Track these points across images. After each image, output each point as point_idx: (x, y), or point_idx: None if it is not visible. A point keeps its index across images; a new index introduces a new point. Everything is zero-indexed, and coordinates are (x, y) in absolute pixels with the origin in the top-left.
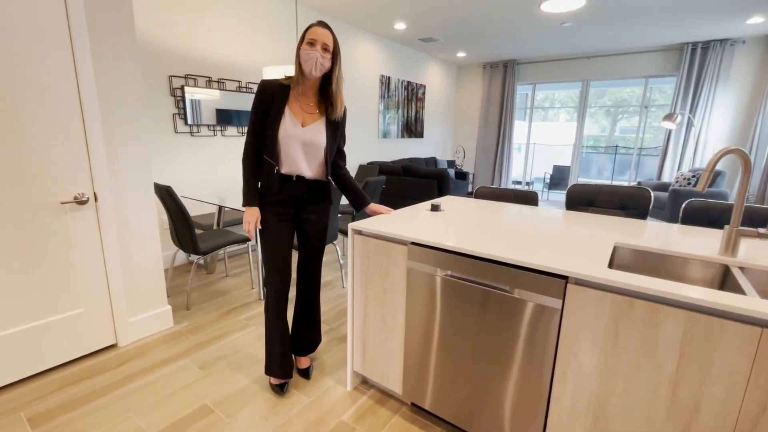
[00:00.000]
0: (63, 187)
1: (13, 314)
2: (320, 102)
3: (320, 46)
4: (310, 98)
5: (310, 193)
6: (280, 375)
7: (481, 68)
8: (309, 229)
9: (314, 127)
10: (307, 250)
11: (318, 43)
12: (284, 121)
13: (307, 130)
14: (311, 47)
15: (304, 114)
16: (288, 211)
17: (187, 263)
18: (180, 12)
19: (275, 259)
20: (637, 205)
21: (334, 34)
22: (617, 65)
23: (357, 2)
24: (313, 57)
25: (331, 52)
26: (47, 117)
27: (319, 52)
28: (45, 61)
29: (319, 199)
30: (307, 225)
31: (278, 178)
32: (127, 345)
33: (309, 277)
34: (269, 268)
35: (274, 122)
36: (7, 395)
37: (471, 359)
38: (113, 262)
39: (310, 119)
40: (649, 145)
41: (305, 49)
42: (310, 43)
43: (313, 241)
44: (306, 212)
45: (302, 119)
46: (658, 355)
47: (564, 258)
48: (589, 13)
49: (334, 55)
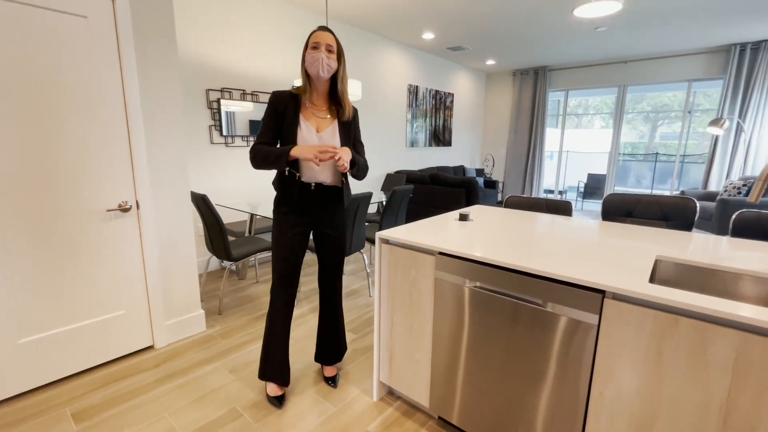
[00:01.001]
0: (108, 195)
1: (61, 314)
2: (331, 106)
3: (324, 47)
4: (321, 103)
5: (328, 201)
6: (279, 381)
7: (511, 75)
8: (327, 240)
9: (329, 131)
10: (327, 262)
11: (321, 45)
12: (300, 129)
13: (322, 136)
14: (315, 50)
15: (317, 120)
16: (305, 220)
17: (219, 269)
18: (217, 28)
19: (286, 269)
20: (681, 216)
21: (336, 37)
22: (657, 69)
23: (386, 14)
24: (318, 58)
25: (335, 53)
26: (96, 129)
27: (323, 53)
28: (94, 75)
29: (336, 206)
30: (324, 235)
31: (299, 186)
32: (163, 347)
33: (330, 290)
34: (279, 278)
35: (290, 132)
36: (54, 391)
37: (500, 374)
38: (152, 267)
39: (324, 124)
40: (693, 151)
41: (310, 53)
42: (314, 46)
43: (332, 251)
44: (323, 221)
45: (316, 125)
46: (707, 379)
47: (600, 271)
48: (626, 16)
49: (338, 56)
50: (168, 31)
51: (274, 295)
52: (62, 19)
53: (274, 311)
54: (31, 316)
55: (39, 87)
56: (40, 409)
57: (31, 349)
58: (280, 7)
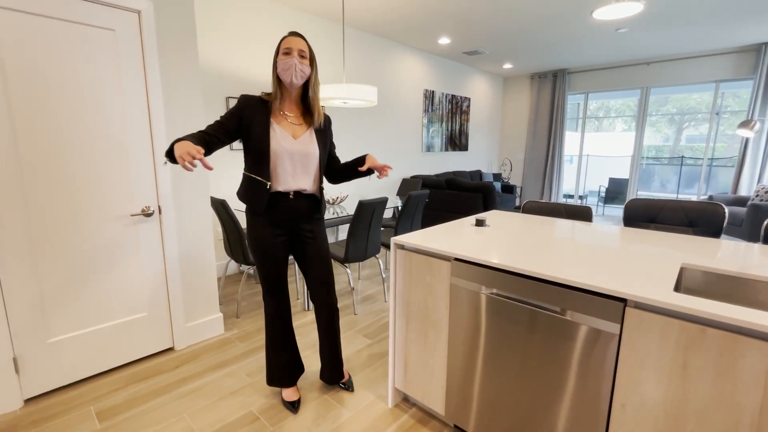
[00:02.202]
0: (132, 200)
1: (87, 316)
2: (304, 113)
3: (296, 53)
4: (293, 110)
5: (306, 210)
6: (287, 384)
7: (529, 79)
8: (309, 251)
9: (305, 138)
10: (315, 276)
11: (294, 50)
12: (274, 134)
13: (299, 142)
14: (287, 56)
15: (292, 126)
16: (283, 230)
17: (238, 273)
18: (237, 37)
19: (276, 278)
20: (709, 222)
21: (307, 42)
22: (682, 70)
23: (403, 21)
24: (292, 64)
25: (308, 58)
26: (122, 137)
27: (296, 59)
28: (120, 85)
29: (314, 215)
30: (306, 246)
31: (268, 196)
32: (183, 349)
33: (326, 309)
34: (269, 291)
35: (262, 137)
36: (80, 390)
37: (518, 383)
38: (173, 270)
39: (299, 131)
40: (721, 155)
41: (282, 59)
42: (286, 52)
43: (317, 263)
44: (302, 231)
45: (292, 132)
46: (738, 392)
47: (622, 278)
48: (648, 17)
49: (311, 61)
50: (190, 43)
51: (266, 304)
52: (91, 32)
53: (270, 319)
54: (59, 317)
55: (68, 97)
56: (66, 407)
57: (59, 348)
58: (297, 16)
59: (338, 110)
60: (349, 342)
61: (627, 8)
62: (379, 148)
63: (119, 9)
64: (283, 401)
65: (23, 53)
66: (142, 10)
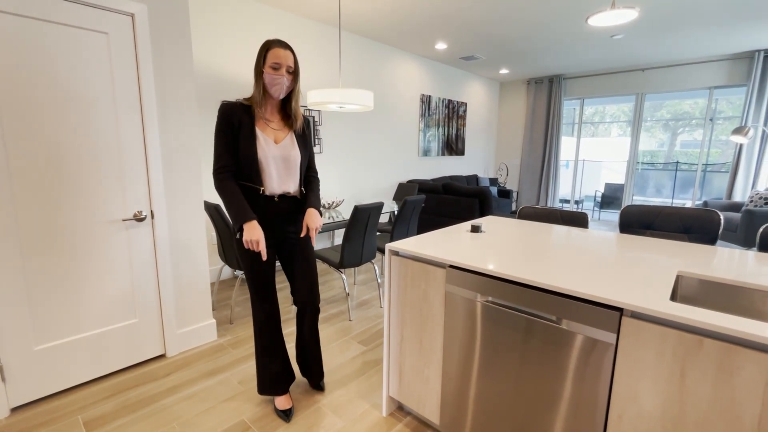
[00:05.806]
0: (124, 205)
1: (76, 322)
2: (285, 117)
3: (285, 69)
4: (274, 115)
5: (290, 211)
6: (279, 392)
7: (525, 84)
8: (294, 249)
9: (286, 142)
10: (299, 273)
11: (282, 66)
12: (259, 141)
13: (280, 147)
14: (276, 72)
15: (274, 132)
16: (270, 233)
17: (232, 278)
18: (232, 40)
19: (264, 284)
20: (704, 228)
21: (294, 53)
22: (676, 76)
23: (400, 26)
24: (281, 83)
25: (294, 73)
26: (114, 141)
27: (285, 77)
28: (113, 88)
29: (296, 216)
30: (290, 245)
31: (263, 200)
32: (174, 356)
33: (309, 309)
34: (258, 296)
35: (248, 145)
36: (68, 398)
37: (514, 393)
38: (165, 275)
39: (281, 135)
40: (715, 160)
41: (271, 75)
42: (274, 67)
43: (301, 261)
44: (287, 231)
45: (274, 137)
46: (736, 404)
47: (618, 287)
48: (643, 24)
49: (295, 74)
50: (185, 46)
51: (255, 309)
52: (83, 35)
53: (260, 325)
54: (47, 324)
55: (61, 100)
56: (54, 416)
57: (47, 356)
58: (294, 20)
59: (334, 115)
60: (344, 349)
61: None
62: (376, 153)
63: (113, 12)
64: (275, 410)
65: (13, 56)
66: (136, 13)
